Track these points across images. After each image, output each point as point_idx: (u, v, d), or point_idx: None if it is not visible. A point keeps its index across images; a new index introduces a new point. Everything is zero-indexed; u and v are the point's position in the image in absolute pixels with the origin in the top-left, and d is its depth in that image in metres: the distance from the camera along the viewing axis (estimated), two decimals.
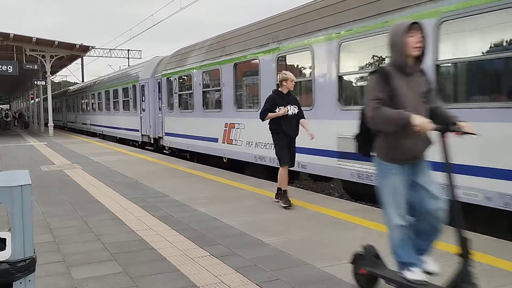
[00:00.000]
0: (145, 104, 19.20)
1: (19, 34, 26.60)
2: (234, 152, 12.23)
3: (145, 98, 19.18)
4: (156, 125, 18.22)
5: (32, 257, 2.57)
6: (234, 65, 12.16)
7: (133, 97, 21.00)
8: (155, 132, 18.36)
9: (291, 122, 7.44)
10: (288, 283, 4.23)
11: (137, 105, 20.36)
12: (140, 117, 19.84)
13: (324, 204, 7.56)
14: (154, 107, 18.36)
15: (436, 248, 4.07)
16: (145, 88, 19.12)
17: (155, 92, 18.17)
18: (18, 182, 2.55)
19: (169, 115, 16.73)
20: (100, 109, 28.49)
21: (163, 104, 17.11)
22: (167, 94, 16.77)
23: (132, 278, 4.45)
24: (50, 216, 7.17)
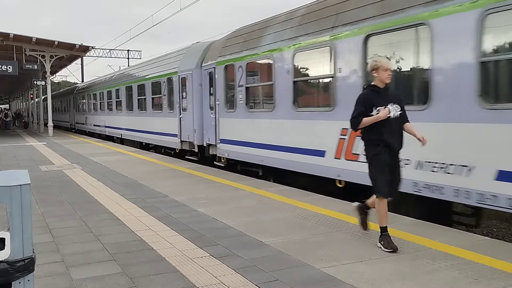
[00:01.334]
0: (187, 102, 14.92)
1: (19, 34, 26.59)
2: (364, 174, 6.02)
3: (186, 95, 14.98)
4: (204, 129, 13.92)
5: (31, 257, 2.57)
6: (366, 39, 7.79)
7: (168, 94, 16.64)
8: (202, 137, 14.09)
9: (394, 129, 5.34)
10: (287, 284, 4.23)
11: (175, 104, 15.88)
12: (179, 119, 15.39)
13: (323, 204, 7.55)
14: (200, 106, 14.18)
15: None
16: (187, 82, 14.80)
17: (203, 87, 13.99)
18: (17, 181, 2.54)
19: (229, 116, 12.38)
20: (119, 109, 23.69)
21: (218, 101, 12.76)
22: (224, 88, 12.53)
23: (131, 279, 4.45)
24: (49, 216, 7.16)
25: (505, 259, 4.74)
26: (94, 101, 29.59)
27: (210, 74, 13.40)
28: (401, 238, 5.58)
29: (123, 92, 22.71)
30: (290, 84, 9.73)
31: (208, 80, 13.55)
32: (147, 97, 19.23)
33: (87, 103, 32.14)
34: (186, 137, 15.05)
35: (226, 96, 12.60)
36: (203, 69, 13.94)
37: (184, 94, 15.18)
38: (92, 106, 30.35)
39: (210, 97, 13.51)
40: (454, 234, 5.75)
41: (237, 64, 11.81)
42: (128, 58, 52.77)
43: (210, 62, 13.42)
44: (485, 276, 4.32)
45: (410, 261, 4.77)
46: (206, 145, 13.87)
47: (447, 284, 4.16)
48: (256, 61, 11.27)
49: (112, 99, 24.97)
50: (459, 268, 4.54)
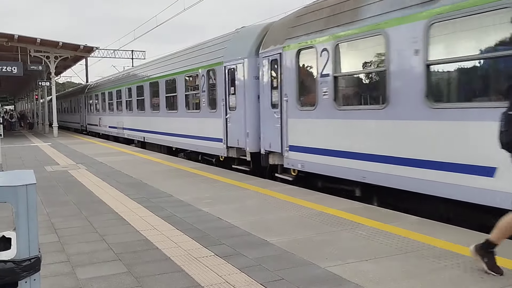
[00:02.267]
0: (236, 99, 12.26)
1: (23, 35, 26.72)
2: None
3: (235, 90, 12.26)
4: (262, 132, 11.28)
5: (37, 256, 2.58)
6: None
7: (208, 90, 13.94)
8: (258, 143, 11.54)
9: None
10: (292, 283, 4.23)
11: (218, 102, 13.13)
12: (226, 120, 12.71)
13: (327, 203, 7.55)
14: (255, 104, 11.61)
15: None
16: (237, 74, 12.18)
17: (261, 79, 11.28)
18: (23, 181, 2.55)
19: (304, 116, 9.62)
20: (141, 108, 20.72)
21: (286, 97, 10.03)
22: (297, 79, 9.79)
23: (136, 278, 4.46)
24: (54, 216, 7.19)
25: (511, 257, 4.72)
26: (110, 100, 26.42)
27: (273, 62, 10.66)
28: (406, 236, 5.57)
29: (147, 89, 19.82)
30: (421, 68, 6.90)
31: (269, 70, 10.79)
32: (179, 94, 16.25)
33: (101, 103, 28.92)
34: (235, 142, 12.35)
35: (299, 90, 9.77)
36: (261, 57, 11.15)
37: (232, 89, 12.42)
38: (107, 105, 27.18)
39: (272, 91, 10.69)
40: (459, 233, 5.73)
41: (320, 47, 8.92)
42: (132, 58, 52.91)
43: (273, 47, 10.62)
44: (491, 274, 4.29)
45: (415, 260, 4.76)
46: (264, 152, 11.14)
47: (453, 282, 4.15)
48: (353, 41, 8.26)
49: (133, 98, 21.89)
50: (464, 266, 4.53)
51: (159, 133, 18.61)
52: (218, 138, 13.27)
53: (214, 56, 13.63)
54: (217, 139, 13.35)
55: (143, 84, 20.31)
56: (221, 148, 13.09)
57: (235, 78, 12.32)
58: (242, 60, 11.99)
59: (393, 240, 5.46)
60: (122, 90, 23.76)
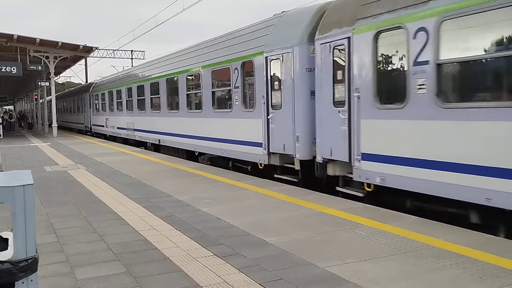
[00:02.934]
0: (283, 96, 10.32)
1: (22, 35, 26.70)
2: None
3: (281, 85, 10.34)
4: (319, 136, 9.22)
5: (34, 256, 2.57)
6: None
7: (243, 85, 12.05)
8: (310, 149, 9.70)
9: None
10: (291, 283, 4.22)
11: (257, 99, 11.27)
12: (267, 121, 10.81)
13: (326, 203, 7.54)
14: (308, 101, 9.74)
15: None
16: (283, 65, 10.25)
17: (318, 71, 9.19)
18: (20, 182, 2.55)
19: (385, 116, 7.66)
20: (156, 108, 18.63)
21: (358, 92, 8.04)
22: (374, 69, 7.78)
23: (135, 278, 4.45)
24: (54, 216, 7.18)
25: (510, 257, 4.72)
26: (119, 99, 24.15)
27: (336, 50, 8.70)
28: (406, 236, 5.56)
29: (163, 86, 17.63)
30: None
31: (330, 59, 8.79)
32: (204, 92, 14.12)
33: (108, 102, 26.69)
34: (279, 147, 10.40)
35: (378, 83, 7.77)
36: (317, 44, 9.13)
37: (276, 84, 10.49)
38: (116, 105, 24.96)
39: (336, 86, 8.75)
40: (458, 233, 5.73)
41: (413, 27, 6.99)
42: (131, 58, 52.89)
43: (336, 31, 8.61)
44: (490, 274, 4.30)
45: (414, 260, 4.75)
46: (321, 161, 9.11)
47: (452, 282, 4.15)
48: (470, 15, 6.15)
49: (146, 96, 19.79)
50: (463, 266, 4.52)
51: (178, 135, 16.48)
52: (256, 142, 11.29)
53: (251, 45, 11.56)
54: (255, 143, 11.36)
55: (158, 81, 18.09)
56: (261, 154, 11.08)
57: (280, 71, 10.36)
58: (291, 48, 9.92)
59: (392, 240, 5.45)
60: (133, 88, 21.56)
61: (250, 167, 11.94)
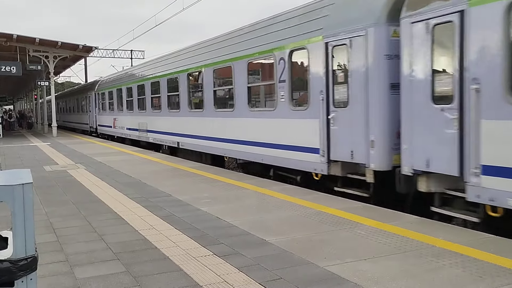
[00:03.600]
0: (350, 91, 8.37)
1: (22, 35, 26.67)
2: None
3: (349, 77, 8.37)
4: (410, 140, 7.28)
5: (33, 255, 2.57)
6: None
7: (290, 79, 10.00)
8: (390, 157, 7.89)
9: None
10: (291, 282, 4.22)
11: (312, 95, 9.25)
12: (327, 121, 8.86)
13: (326, 203, 7.54)
14: (386, 97, 7.89)
15: None
16: (352, 53, 8.29)
17: (403, 59, 7.37)
18: (19, 180, 2.55)
19: None
20: (174, 106, 16.70)
21: (476, 84, 6.21)
22: (507, 52, 5.85)
23: (135, 278, 4.45)
24: (53, 216, 7.18)
25: (509, 256, 4.72)
26: (129, 98, 22.04)
27: (438, 29, 6.81)
28: (405, 236, 5.56)
29: (183, 82, 15.46)
30: None
31: (429, 42, 6.90)
32: (237, 87, 12.08)
33: (116, 100, 24.56)
34: (345, 154, 8.48)
35: None
36: (405, 22, 7.23)
37: (341, 76, 8.67)
38: (125, 104, 22.71)
39: (435, 77, 6.91)
40: (458, 232, 5.73)
41: None
42: (131, 58, 52.92)
43: (439, 3, 6.73)
44: (490, 273, 4.30)
45: (414, 259, 4.75)
46: (411, 173, 7.26)
47: (451, 281, 4.15)
48: None
49: (161, 93, 17.59)
50: (463, 265, 4.52)
51: (202, 138, 14.35)
52: (311, 148, 9.32)
53: (302, 30, 9.54)
54: (308, 148, 9.40)
55: (178, 76, 15.89)
56: (317, 162, 9.11)
57: (346, 59, 8.41)
58: (363, 31, 7.98)
59: (392, 239, 5.45)
60: (146, 85, 19.37)
61: (300, 177, 9.97)
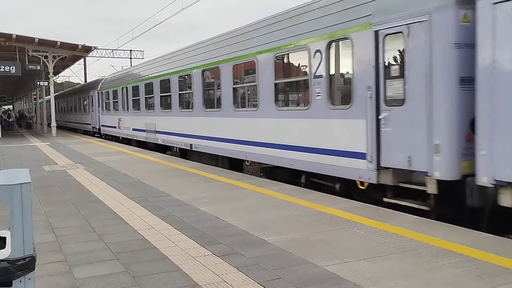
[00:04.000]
0: (407, 86, 7.26)
1: (21, 35, 26.65)
2: None
3: (407, 70, 7.26)
4: (493, 145, 6.06)
5: (31, 255, 2.57)
6: None
7: (327, 74, 8.87)
8: (459, 165, 6.76)
9: None
10: (290, 282, 4.22)
11: (357, 91, 8.15)
12: (376, 122, 7.77)
13: (325, 202, 7.54)
14: (454, 93, 6.75)
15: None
16: (409, 42, 7.21)
17: (480, 46, 6.21)
18: (17, 180, 2.54)
19: None
20: (186, 106, 15.61)
21: None
22: None
23: (134, 277, 4.45)
24: (52, 215, 7.17)
25: (508, 256, 4.72)
26: (135, 97, 20.78)
27: None
28: (405, 235, 5.56)
29: (197, 79, 14.35)
30: None
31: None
32: (262, 84, 10.86)
33: (121, 100, 23.20)
34: (400, 160, 7.33)
35: None
36: (484, 3, 6.10)
37: (395, 70, 7.48)
38: (131, 103, 21.47)
39: None
40: (457, 232, 5.73)
41: None
42: (130, 58, 52.93)
43: None
44: (489, 273, 4.30)
45: (413, 259, 4.75)
46: (492, 184, 6.06)
47: (450, 281, 4.15)
48: None
49: (172, 92, 16.56)
50: (462, 265, 4.52)
51: (219, 140, 13.19)
52: (355, 152, 8.19)
53: (344, 17, 8.37)
54: (352, 153, 8.27)
55: (190, 73, 14.81)
56: (363, 168, 7.99)
57: (402, 50, 7.27)
58: (425, 16, 6.84)
59: (391, 239, 5.45)
60: (155, 83, 18.12)
61: (339, 185, 8.85)
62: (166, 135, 17.43)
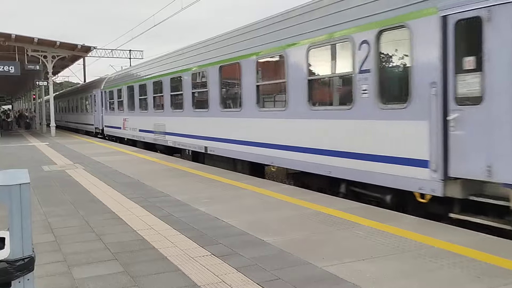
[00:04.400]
0: (488, 82, 6.09)
1: (20, 35, 26.64)
2: None
3: (487, 62, 6.10)
4: None
5: (30, 256, 2.56)
6: None
7: (377, 67, 7.81)
8: None
9: None
10: (289, 283, 4.22)
11: (413, 89, 7.09)
12: (443, 123, 6.66)
13: (324, 203, 7.54)
14: None
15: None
16: (489, 30, 6.04)
17: None
18: (16, 180, 2.54)
19: None
20: (200, 105, 14.38)
21: None
22: None
23: (133, 278, 4.44)
24: (51, 216, 7.16)
25: (507, 256, 4.72)
26: (142, 96, 19.57)
27: None
28: (404, 236, 5.56)
29: (214, 76, 13.17)
30: None
31: None
32: (292, 82, 9.74)
33: (127, 99, 21.95)
34: (476, 169, 6.23)
35: None
36: None
37: (469, 62, 6.37)
38: (138, 102, 20.15)
39: None
40: (456, 232, 5.73)
41: None
42: (130, 58, 52.92)
43: None
44: (488, 274, 4.30)
45: (412, 259, 4.75)
46: None
47: (450, 282, 4.15)
48: None
49: (184, 90, 15.37)
50: (461, 266, 4.52)
51: (238, 142, 12.05)
52: (414, 160, 7.08)
53: (399, 1, 7.29)
54: (410, 160, 7.15)
55: (206, 70, 13.63)
56: (425, 179, 6.87)
57: (479, 39, 6.14)
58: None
59: (390, 239, 5.45)
60: (164, 81, 17.03)
61: (391, 196, 7.71)
62: (177, 137, 16.17)
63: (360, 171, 8.04)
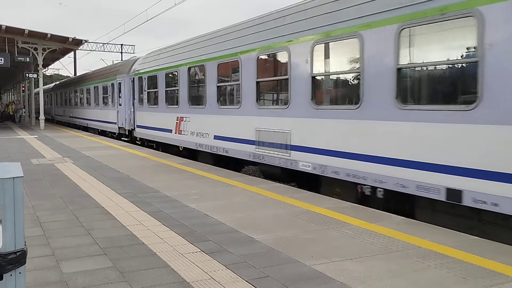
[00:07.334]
0: None
1: (11, 26, 26.37)
2: None
3: None
4: None
5: (22, 249, 2.57)
6: None
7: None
8: None
9: None
10: (277, 280, 4.25)
11: None
12: None
13: (314, 202, 7.58)
14: None
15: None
16: None
17: None
18: (10, 174, 2.54)
19: None
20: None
21: None
22: None
23: (122, 273, 4.44)
24: (40, 209, 7.13)
25: (493, 258, 4.79)
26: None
27: None
28: (391, 236, 5.62)
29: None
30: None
31: None
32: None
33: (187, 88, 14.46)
34: None
35: None
36: None
37: None
38: (216, 93, 12.67)
39: None
40: (444, 234, 5.80)
41: None
42: (121, 52, 52.59)
43: None
44: (473, 275, 4.37)
45: (399, 259, 4.81)
46: None
47: (436, 282, 4.21)
48: None
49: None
50: (448, 266, 4.59)
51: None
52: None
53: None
54: None
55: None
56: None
57: None
58: None
59: (378, 239, 5.51)
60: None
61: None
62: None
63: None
